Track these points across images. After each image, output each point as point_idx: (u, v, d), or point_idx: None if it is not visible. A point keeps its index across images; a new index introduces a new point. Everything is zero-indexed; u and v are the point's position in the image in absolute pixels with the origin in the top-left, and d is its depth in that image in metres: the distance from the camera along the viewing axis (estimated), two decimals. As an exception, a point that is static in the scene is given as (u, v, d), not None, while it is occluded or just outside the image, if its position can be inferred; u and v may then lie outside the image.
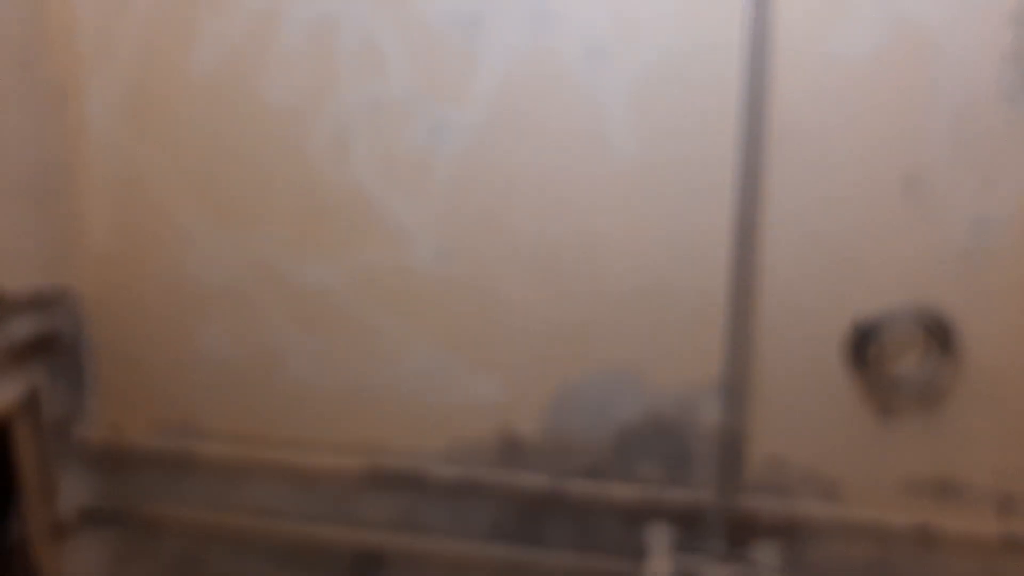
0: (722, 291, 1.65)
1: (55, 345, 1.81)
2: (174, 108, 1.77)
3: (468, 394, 1.78)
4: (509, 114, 1.66)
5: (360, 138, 1.72)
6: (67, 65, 1.78)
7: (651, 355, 1.71)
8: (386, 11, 1.67)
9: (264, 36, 1.71)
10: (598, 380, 1.74)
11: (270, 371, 1.85)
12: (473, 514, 1.81)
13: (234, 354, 1.85)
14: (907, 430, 1.65)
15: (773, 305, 1.65)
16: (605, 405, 1.74)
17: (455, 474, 1.79)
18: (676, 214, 1.66)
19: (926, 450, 1.65)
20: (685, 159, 1.62)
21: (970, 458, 1.65)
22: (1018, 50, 1.51)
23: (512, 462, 1.78)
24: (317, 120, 1.72)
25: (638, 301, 1.70)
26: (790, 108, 1.57)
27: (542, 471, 1.77)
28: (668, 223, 1.67)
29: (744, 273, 1.63)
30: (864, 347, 1.59)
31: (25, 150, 1.70)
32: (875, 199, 1.59)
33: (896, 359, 1.61)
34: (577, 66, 1.63)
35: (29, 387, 1.74)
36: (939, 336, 1.58)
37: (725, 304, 1.65)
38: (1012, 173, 1.55)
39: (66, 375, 1.87)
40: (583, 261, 1.70)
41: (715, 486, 1.69)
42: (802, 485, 1.69)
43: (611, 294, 1.70)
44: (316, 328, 1.81)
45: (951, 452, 1.65)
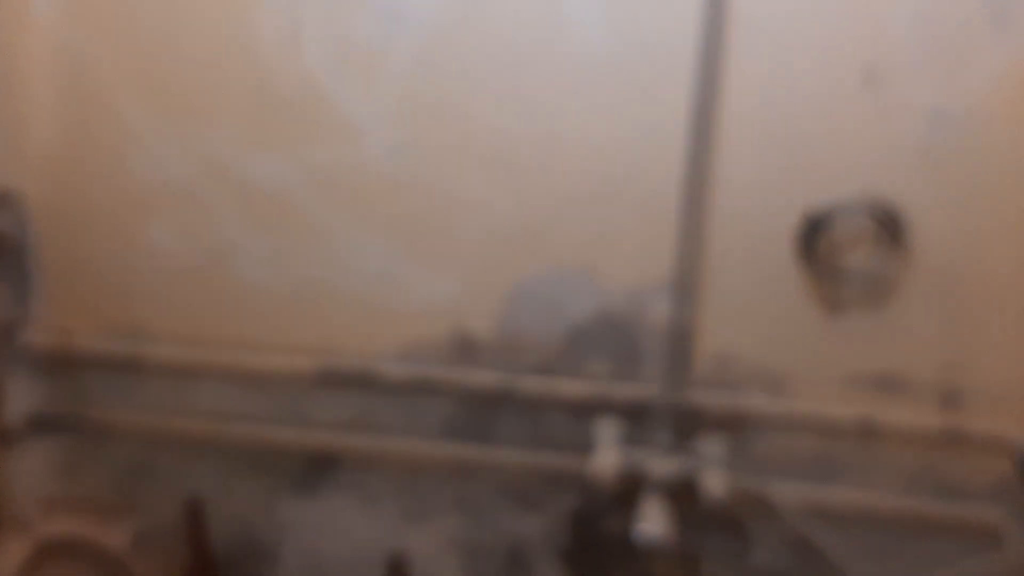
0: (675, 187, 1.65)
1: (-2, 246, 1.77)
2: (120, 1, 1.72)
3: (421, 294, 1.77)
4: (466, 2, 1.63)
5: (311, 28, 1.68)
6: (6, -47, 1.72)
7: (604, 253, 1.71)
8: None
9: (210, -79, 1.67)
10: (551, 278, 1.74)
11: (220, 272, 1.83)
12: (425, 413, 1.81)
13: (183, 255, 1.82)
14: (854, 325, 1.67)
15: (726, 200, 1.65)
16: (557, 303, 1.74)
17: (407, 373, 1.79)
18: (633, 109, 1.65)
19: (872, 345, 1.67)
20: (643, 48, 1.61)
21: (915, 353, 1.67)
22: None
23: (464, 361, 1.78)
24: (267, 9, 1.68)
25: (593, 198, 1.69)
26: (749, -2, 1.57)
27: (494, 369, 1.77)
28: (625, 118, 1.65)
29: (698, 168, 1.62)
30: (814, 239, 1.60)
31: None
32: (833, 92, 1.59)
33: (846, 252, 1.62)
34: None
35: (-30, 286, 1.70)
36: (890, 229, 1.59)
37: (678, 200, 1.65)
38: (972, 68, 1.56)
39: (10, 278, 1.83)
40: (539, 158, 1.69)
41: (664, 381, 1.71)
42: (749, 380, 1.71)
43: (566, 192, 1.70)
44: (267, 227, 1.79)
45: (897, 347, 1.67)
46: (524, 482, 1.82)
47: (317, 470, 1.87)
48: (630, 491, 1.71)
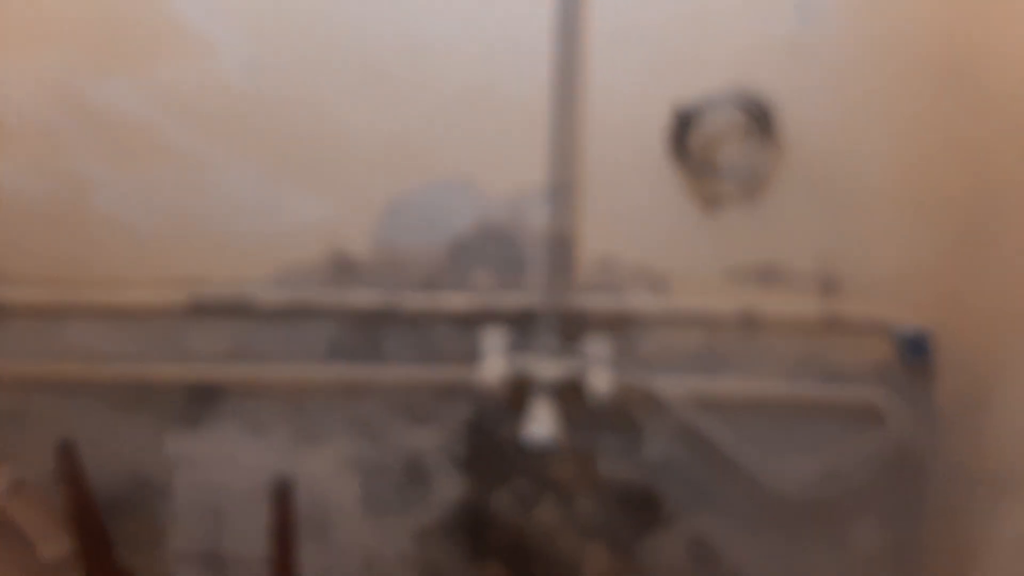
0: (544, 90, 1.60)
1: None
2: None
3: (294, 216, 1.70)
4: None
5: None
6: None
7: (480, 161, 1.67)
8: None
9: None
10: (428, 191, 1.69)
11: (79, 207, 1.72)
12: (308, 337, 1.77)
13: (39, 190, 1.71)
14: (732, 219, 1.67)
15: (597, 101, 1.61)
16: (436, 216, 1.70)
17: (285, 298, 1.73)
18: (498, 13, 1.59)
19: (751, 238, 1.68)
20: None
21: (793, 243, 1.69)
22: None
23: (344, 281, 1.73)
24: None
25: (464, 107, 1.63)
26: None
27: (376, 287, 1.73)
28: (491, 22, 1.60)
29: (566, 69, 1.58)
30: (685, 136, 1.58)
31: None
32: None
33: (719, 147, 1.61)
34: None
35: None
36: (760, 121, 1.58)
37: (548, 103, 1.60)
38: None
39: None
40: (407, 66, 1.62)
41: (547, 287, 1.69)
42: (632, 280, 1.71)
43: (437, 100, 1.63)
44: (125, 157, 1.68)
45: (774, 238, 1.68)
46: (415, 396, 1.80)
47: (200, 402, 1.81)
48: (521, 396, 1.71)
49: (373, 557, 1.91)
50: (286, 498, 1.53)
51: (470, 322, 1.73)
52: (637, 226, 1.68)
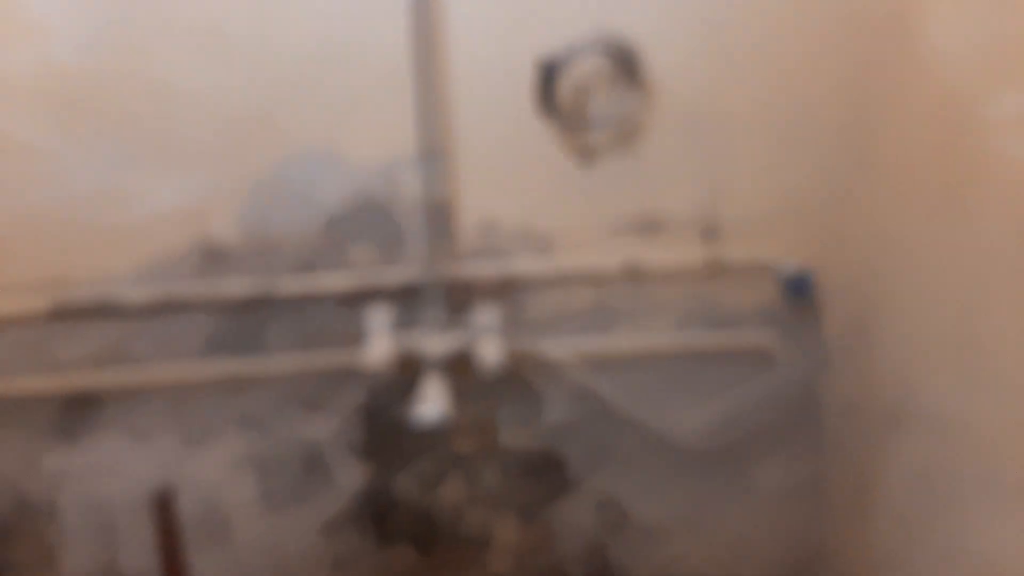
0: (404, 49, 1.53)
1: None
2: None
3: (151, 203, 1.61)
4: None
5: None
6: None
7: (345, 130, 1.60)
8: None
9: None
10: (294, 166, 1.61)
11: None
12: (183, 332, 1.68)
13: None
14: (608, 171, 1.64)
15: (461, 59, 1.56)
16: (306, 192, 1.63)
17: (153, 294, 1.64)
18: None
19: (629, 189, 1.66)
20: None
21: (671, 191, 1.67)
22: None
23: (214, 270, 1.65)
24: None
25: (321, 72, 1.55)
26: None
27: (248, 274, 1.65)
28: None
29: (425, 26, 1.52)
30: (551, 88, 1.54)
31: None
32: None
33: (587, 98, 1.58)
34: None
35: None
36: (626, 67, 1.55)
37: (409, 63, 1.54)
38: None
39: None
40: (255, 35, 1.52)
41: (428, 258, 1.64)
42: (515, 244, 1.67)
43: (292, 68, 1.55)
44: (-38, 156, 1.56)
45: (652, 187, 1.66)
46: (304, 385, 1.74)
47: (76, 413, 1.72)
48: (412, 374, 1.65)
49: (279, 554, 1.85)
50: (167, 506, 1.45)
51: (353, 301, 1.67)
52: (515, 186, 1.64)
